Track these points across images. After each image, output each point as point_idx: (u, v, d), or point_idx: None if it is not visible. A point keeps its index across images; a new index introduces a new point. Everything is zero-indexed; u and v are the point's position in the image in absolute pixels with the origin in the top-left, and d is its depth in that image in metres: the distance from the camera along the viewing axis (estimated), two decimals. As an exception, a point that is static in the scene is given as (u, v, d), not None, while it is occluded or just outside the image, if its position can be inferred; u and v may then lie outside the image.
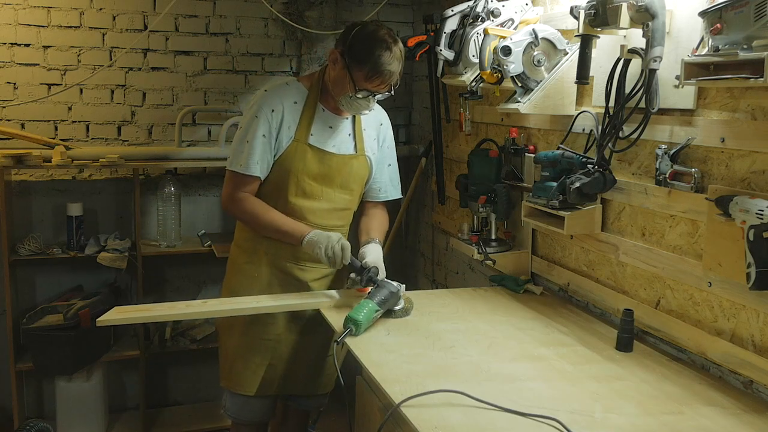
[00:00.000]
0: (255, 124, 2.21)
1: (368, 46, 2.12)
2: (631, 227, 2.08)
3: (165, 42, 3.50)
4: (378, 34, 2.14)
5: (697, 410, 1.58)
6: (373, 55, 2.11)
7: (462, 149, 3.14)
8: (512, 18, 2.46)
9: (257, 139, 2.21)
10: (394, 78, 2.16)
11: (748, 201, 1.55)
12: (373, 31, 2.15)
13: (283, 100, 2.24)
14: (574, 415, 1.53)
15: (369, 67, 2.12)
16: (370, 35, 2.13)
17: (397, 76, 2.17)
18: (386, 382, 1.68)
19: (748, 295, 1.63)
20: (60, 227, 3.36)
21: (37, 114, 3.36)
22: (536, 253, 2.59)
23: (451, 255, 3.44)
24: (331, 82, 2.24)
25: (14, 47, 3.28)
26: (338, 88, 2.21)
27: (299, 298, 2.28)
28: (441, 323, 2.13)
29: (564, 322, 2.16)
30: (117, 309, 2.11)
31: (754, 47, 1.45)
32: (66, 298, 3.31)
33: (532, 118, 2.55)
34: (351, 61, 2.15)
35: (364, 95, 2.18)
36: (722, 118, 1.73)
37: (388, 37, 2.14)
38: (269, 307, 2.23)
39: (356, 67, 2.14)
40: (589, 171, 2.05)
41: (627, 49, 1.88)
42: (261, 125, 2.21)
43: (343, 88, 2.19)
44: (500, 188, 2.53)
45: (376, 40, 2.12)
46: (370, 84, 2.15)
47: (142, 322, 2.11)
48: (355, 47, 2.14)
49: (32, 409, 3.45)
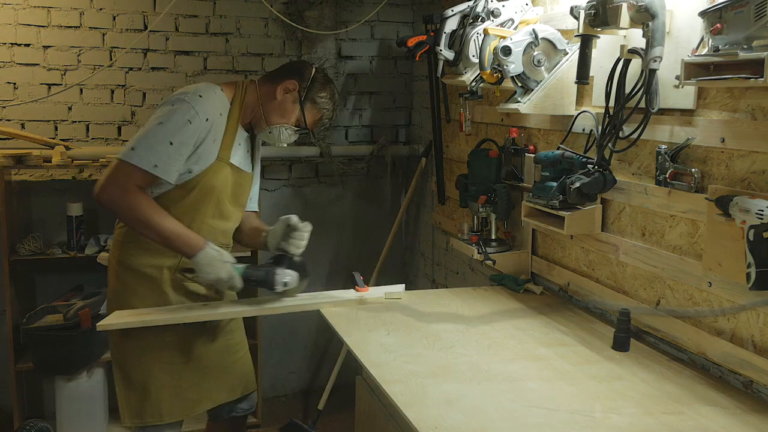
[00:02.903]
0: (186, 130, 2.03)
1: (329, 93, 2.23)
2: (631, 227, 2.08)
3: (165, 42, 3.50)
4: (332, 82, 2.27)
5: (697, 410, 1.58)
6: (332, 100, 2.24)
7: (462, 149, 3.14)
8: (512, 18, 2.46)
9: (184, 145, 2.04)
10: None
11: (748, 201, 1.55)
12: (328, 79, 2.26)
13: (214, 110, 2.11)
14: (574, 415, 1.53)
15: (325, 112, 2.24)
16: (328, 81, 2.25)
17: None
18: (386, 382, 1.68)
19: (748, 295, 1.64)
20: (60, 227, 3.36)
21: (37, 114, 3.36)
22: (536, 253, 2.59)
23: (451, 255, 3.44)
24: (271, 109, 2.19)
25: (14, 47, 3.28)
26: (276, 116, 2.20)
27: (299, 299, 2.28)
28: (441, 323, 2.13)
29: (564, 322, 2.16)
30: (117, 313, 2.10)
31: (754, 47, 1.45)
32: (66, 298, 3.31)
33: (532, 118, 2.55)
34: (307, 100, 2.20)
35: (299, 131, 2.24)
36: (722, 118, 1.73)
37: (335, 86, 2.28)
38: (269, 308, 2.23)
39: (312, 107, 2.21)
40: (589, 171, 2.05)
41: (627, 49, 1.88)
42: (192, 133, 2.04)
43: (284, 118, 2.20)
44: (500, 188, 2.54)
45: (333, 88, 2.25)
46: (314, 125, 2.26)
47: (143, 326, 2.08)
48: (315, 88, 2.21)
49: (32, 409, 3.45)
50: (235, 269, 2.09)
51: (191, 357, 2.20)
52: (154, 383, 2.15)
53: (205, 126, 2.07)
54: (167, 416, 2.17)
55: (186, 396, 2.20)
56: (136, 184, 2.02)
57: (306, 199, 3.86)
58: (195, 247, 2.04)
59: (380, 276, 3.66)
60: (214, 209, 2.17)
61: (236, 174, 2.20)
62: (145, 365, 2.15)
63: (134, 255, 2.15)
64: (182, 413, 2.20)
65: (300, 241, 2.22)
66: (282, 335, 3.90)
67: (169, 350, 2.16)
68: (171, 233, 2.03)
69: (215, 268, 2.05)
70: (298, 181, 3.84)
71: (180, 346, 2.17)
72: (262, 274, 2.14)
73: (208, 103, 2.09)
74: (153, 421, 2.16)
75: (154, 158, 2.00)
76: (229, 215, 2.24)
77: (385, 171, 3.89)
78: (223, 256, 2.08)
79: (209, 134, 2.09)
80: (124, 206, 2.01)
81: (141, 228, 2.04)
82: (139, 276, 2.15)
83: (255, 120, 2.22)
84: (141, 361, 2.15)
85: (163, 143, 2.01)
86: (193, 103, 2.05)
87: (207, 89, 2.12)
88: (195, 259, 2.04)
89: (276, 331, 3.85)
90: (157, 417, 2.16)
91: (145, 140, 2.02)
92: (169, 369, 2.16)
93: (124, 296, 2.17)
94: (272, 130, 2.21)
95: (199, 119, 2.05)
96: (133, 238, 2.14)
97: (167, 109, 2.05)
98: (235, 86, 2.21)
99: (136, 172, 2.00)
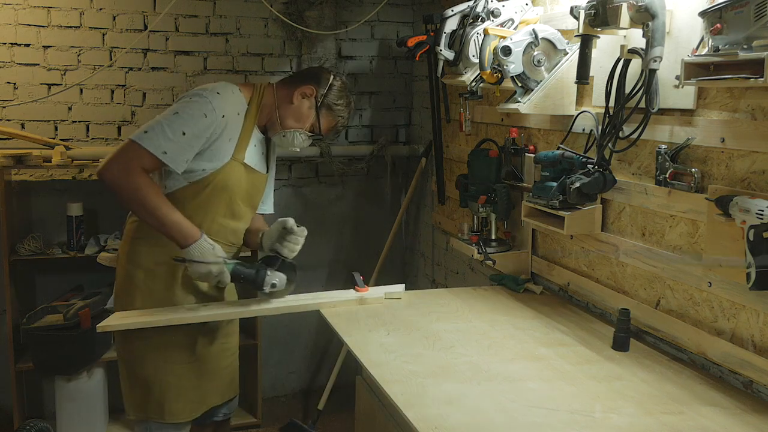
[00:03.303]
0: (201, 122, 2.04)
1: (346, 100, 2.25)
2: (631, 227, 2.08)
3: (165, 42, 3.50)
4: (348, 89, 2.29)
5: (697, 410, 1.58)
6: (348, 108, 2.27)
7: (462, 149, 3.14)
8: (512, 18, 2.46)
9: (197, 138, 2.04)
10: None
11: (748, 201, 1.55)
12: (346, 86, 2.28)
13: (231, 109, 2.13)
14: (574, 415, 1.53)
15: (340, 119, 2.25)
16: (345, 88, 2.27)
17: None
18: (386, 382, 1.68)
19: (748, 295, 1.64)
20: (60, 227, 3.36)
21: (37, 114, 3.36)
22: (536, 253, 2.59)
23: (451, 255, 3.44)
24: (287, 113, 2.20)
25: (14, 47, 3.28)
26: (291, 120, 2.20)
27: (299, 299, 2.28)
28: (441, 323, 2.13)
29: (564, 321, 2.16)
30: (118, 314, 2.10)
31: (754, 47, 1.45)
32: (66, 298, 3.31)
33: (532, 118, 2.55)
34: (323, 106, 2.21)
35: (314, 136, 2.25)
36: (722, 118, 1.73)
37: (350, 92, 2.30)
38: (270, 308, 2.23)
39: (328, 114, 2.23)
40: (589, 171, 2.05)
41: (627, 49, 1.88)
42: (206, 127, 2.05)
43: (299, 123, 2.21)
44: (500, 188, 2.54)
45: (349, 96, 2.28)
46: (329, 131, 2.27)
47: (143, 327, 2.07)
48: (333, 95, 2.22)
49: (32, 409, 3.45)
50: (226, 265, 2.09)
51: (194, 358, 2.20)
52: (158, 382, 2.15)
53: (221, 123, 2.07)
54: (168, 416, 2.17)
55: (189, 398, 2.20)
56: (142, 167, 2.00)
57: (306, 199, 3.86)
58: (189, 237, 2.03)
59: (380, 276, 3.66)
60: (226, 208, 2.18)
61: (250, 174, 2.21)
62: (151, 364, 2.15)
63: (144, 252, 2.16)
64: (185, 415, 2.20)
65: (295, 245, 2.21)
66: (282, 335, 3.90)
67: (173, 350, 2.16)
68: (168, 220, 2.02)
69: (206, 261, 2.05)
70: (298, 181, 3.84)
71: (184, 346, 2.18)
72: (251, 273, 2.14)
73: (226, 100, 2.10)
74: (156, 418, 2.17)
75: (165, 144, 2.00)
76: (242, 215, 2.25)
77: (385, 171, 3.89)
78: (215, 250, 2.07)
79: (224, 132, 2.09)
80: (126, 186, 1.99)
81: (139, 210, 2.03)
82: (148, 273, 2.15)
83: (270, 123, 2.23)
84: (145, 360, 2.16)
85: (176, 132, 2.01)
86: (211, 98, 2.07)
87: (225, 88, 2.13)
88: (187, 250, 2.03)
89: (276, 331, 3.85)
90: (159, 414, 2.17)
91: (159, 126, 2.02)
92: (173, 369, 2.16)
93: (131, 293, 2.17)
94: (286, 134, 2.21)
95: (215, 114, 2.06)
96: (143, 234, 2.14)
97: (185, 101, 2.07)
98: (253, 88, 2.22)
99: (144, 155, 1.99)
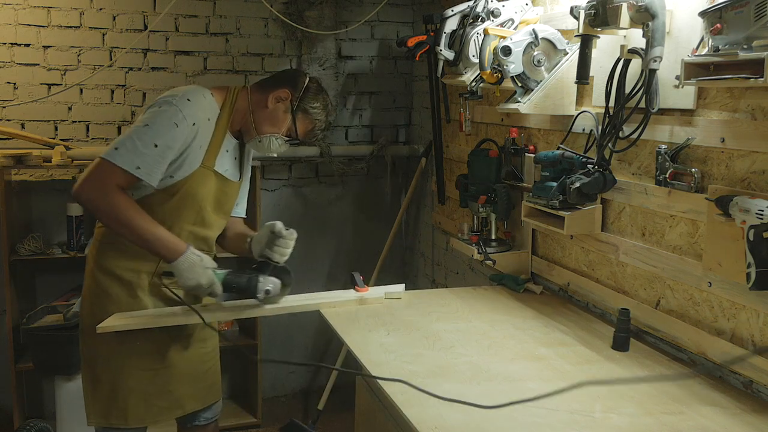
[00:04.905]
0: (172, 133, 1.97)
1: (322, 103, 2.17)
2: (631, 227, 2.08)
3: (165, 42, 3.50)
4: (325, 93, 2.21)
5: (697, 410, 1.58)
6: (325, 111, 2.18)
7: (462, 149, 3.14)
8: (512, 18, 2.46)
9: (169, 149, 1.98)
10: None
11: (748, 201, 1.55)
12: (322, 88, 2.20)
13: (202, 115, 2.05)
14: (574, 415, 1.53)
15: (317, 122, 2.18)
16: (321, 90, 2.19)
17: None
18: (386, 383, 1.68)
19: (748, 295, 1.64)
20: (60, 227, 3.36)
21: (37, 114, 3.36)
22: (536, 253, 2.59)
23: (451, 255, 3.44)
24: (262, 118, 2.13)
25: (14, 47, 3.28)
26: (267, 125, 2.13)
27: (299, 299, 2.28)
28: (441, 323, 2.13)
29: (564, 321, 2.16)
30: (117, 315, 2.07)
31: (754, 47, 1.45)
32: (66, 298, 3.31)
33: (532, 118, 2.55)
34: (299, 109, 2.14)
35: (290, 141, 2.18)
36: (722, 118, 1.73)
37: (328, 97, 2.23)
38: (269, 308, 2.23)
39: (304, 117, 2.15)
40: (589, 171, 2.05)
41: (627, 49, 1.88)
42: (178, 137, 1.98)
43: (275, 128, 2.13)
44: (500, 188, 2.54)
45: (326, 98, 2.19)
46: (305, 135, 2.19)
47: (143, 327, 2.06)
48: (308, 98, 2.15)
49: (32, 409, 3.45)
50: (216, 275, 2.04)
51: (163, 364, 2.14)
52: (122, 387, 2.10)
53: (192, 131, 2.01)
54: (132, 421, 2.11)
55: (154, 402, 2.14)
56: (117, 184, 1.95)
57: (306, 199, 3.86)
58: (175, 251, 1.98)
59: (380, 276, 3.66)
60: (195, 216, 2.11)
61: (221, 182, 2.13)
62: (115, 368, 2.09)
63: (111, 257, 2.10)
64: (149, 419, 2.15)
65: (285, 249, 2.16)
66: (282, 335, 3.90)
67: (140, 356, 2.10)
68: (151, 236, 1.96)
69: (195, 274, 1.99)
70: (298, 181, 3.84)
71: (152, 352, 2.12)
72: (243, 282, 2.09)
73: (197, 107, 2.03)
74: (118, 424, 2.11)
75: (137, 160, 1.94)
76: (211, 223, 2.18)
77: (385, 171, 3.90)
78: (204, 262, 2.02)
79: (195, 139, 2.03)
80: (104, 206, 1.94)
81: (120, 229, 1.97)
82: (115, 279, 2.10)
83: (245, 128, 2.15)
84: (110, 363, 2.10)
85: (148, 145, 1.95)
86: (181, 106, 1.99)
87: (196, 93, 2.06)
88: (175, 264, 1.98)
89: (276, 331, 3.85)
90: (122, 420, 2.10)
91: (129, 141, 1.95)
92: (139, 375, 2.11)
93: (98, 298, 2.11)
94: (262, 139, 2.14)
95: (186, 123, 1.99)
96: (112, 239, 2.09)
97: (154, 111, 1.99)
98: (227, 91, 2.15)
99: (117, 172, 1.93)
